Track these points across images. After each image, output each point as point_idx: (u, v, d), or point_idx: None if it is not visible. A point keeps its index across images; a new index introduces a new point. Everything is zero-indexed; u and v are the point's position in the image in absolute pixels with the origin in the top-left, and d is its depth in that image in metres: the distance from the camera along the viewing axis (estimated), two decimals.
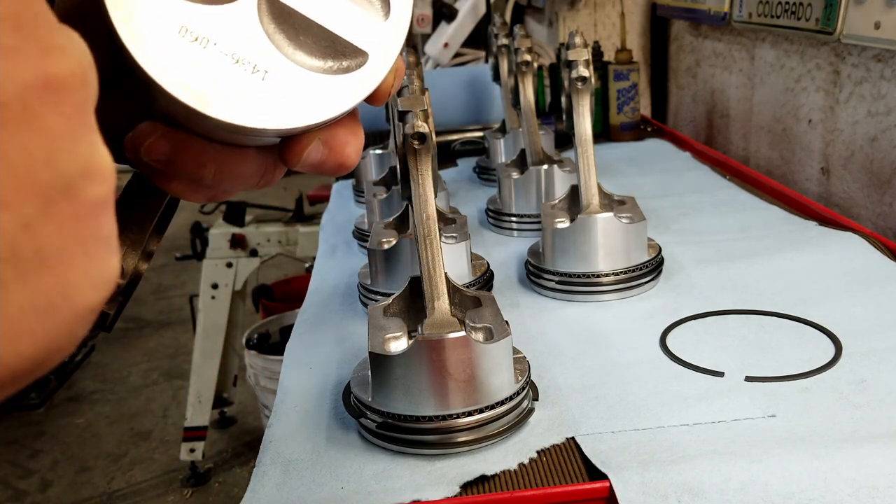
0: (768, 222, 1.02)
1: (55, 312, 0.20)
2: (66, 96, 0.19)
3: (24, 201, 0.18)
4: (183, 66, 0.25)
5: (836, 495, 0.49)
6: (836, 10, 1.05)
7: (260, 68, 0.26)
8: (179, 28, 0.25)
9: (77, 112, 0.20)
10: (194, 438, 2.21)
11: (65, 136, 0.19)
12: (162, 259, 4.01)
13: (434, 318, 0.60)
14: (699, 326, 0.76)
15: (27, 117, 0.18)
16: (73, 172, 0.19)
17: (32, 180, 0.19)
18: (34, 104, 0.19)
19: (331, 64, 0.28)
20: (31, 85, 0.18)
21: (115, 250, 0.21)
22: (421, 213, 0.64)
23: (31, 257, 0.19)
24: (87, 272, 0.20)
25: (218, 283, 2.13)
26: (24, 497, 2.28)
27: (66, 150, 0.19)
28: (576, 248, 0.83)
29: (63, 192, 0.19)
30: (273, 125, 0.27)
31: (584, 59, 0.86)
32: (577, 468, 0.56)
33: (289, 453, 0.60)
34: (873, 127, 1.07)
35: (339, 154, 0.31)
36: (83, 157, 0.20)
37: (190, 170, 0.30)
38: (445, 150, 1.51)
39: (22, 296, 0.19)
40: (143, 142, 0.29)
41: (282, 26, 0.27)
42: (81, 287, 0.20)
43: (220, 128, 0.27)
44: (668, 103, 1.91)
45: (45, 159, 0.19)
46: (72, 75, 0.20)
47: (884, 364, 0.65)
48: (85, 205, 0.20)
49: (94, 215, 0.20)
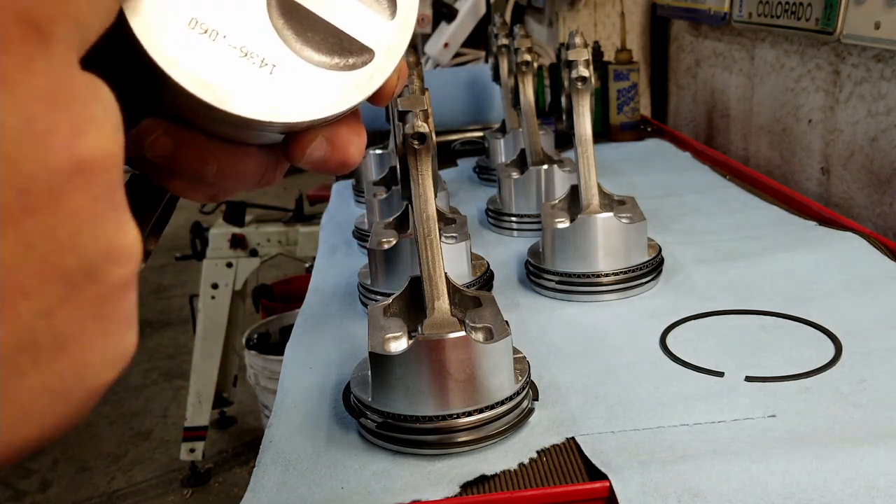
0: (768, 222, 1.02)
1: (68, 395, 0.19)
2: (96, 177, 0.19)
3: (45, 288, 0.18)
4: (192, 57, 0.25)
5: (836, 495, 0.49)
6: (836, 10, 1.05)
7: (268, 62, 0.27)
8: (190, 20, 0.25)
9: (106, 192, 0.19)
10: (194, 438, 2.21)
11: (91, 219, 0.19)
12: (162, 259, 4.01)
13: (434, 318, 0.60)
14: (699, 326, 0.76)
15: (54, 202, 0.18)
16: (97, 255, 0.19)
17: (55, 266, 0.18)
18: (63, 188, 0.18)
19: (337, 60, 0.28)
20: (61, 170, 0.18)
21: (133, 326, 0.21)
22: (421, 213, 0.64)
23: (50, 344, 0.18)
24: (105, 352, 0.20)
25: (218, 283, 2.13)
26: (24, 497, 2.28)
27: (92, 234, 0.19)
28: (576, 248, 0.83)
29: (86, 276, 0.19)
30: (279, 118, 0.27)
31: (584, 59, 0.86)
32: (577, 468, 0.56)
33: (289, 453, 0.60)
34: (873, 127, 1.07)
35: (342, 152, 0.31)
36: (109, 239, 0.19)
37: (192, 167, 0.29)
38: (445, 150, 1.51)
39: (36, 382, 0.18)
40: (147, 138, 0.28)
41: (290, 21, 0.27)
42: (97, 367, 0.20)
43: (225, 121, 0.27)
44: (668, 103, 1.91)
45: (71, 244, 0.18)
46: (104, 155, 0.19)
47: (884, 364, 0.65)
48: (108, 288, 0.19)
49: (117, 297, 0.20)
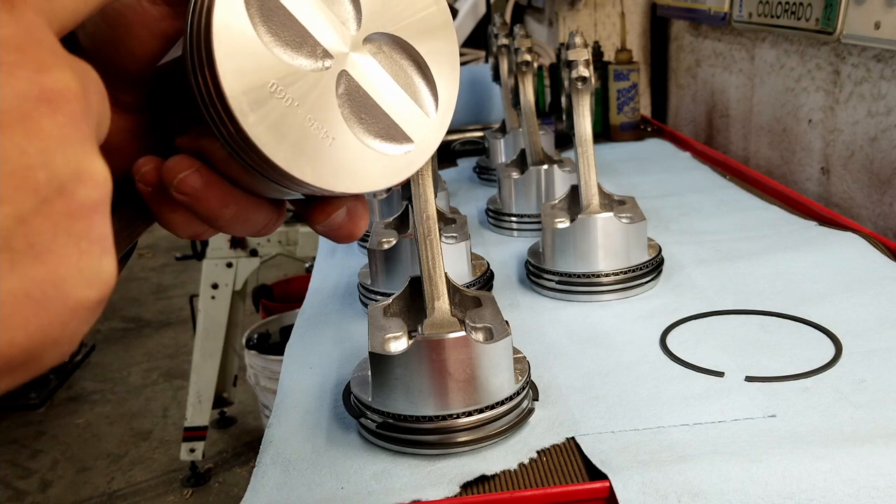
0: (768, 222, 1.02)
1: (48, 304, 0.21)
2: (60, 107, 0.21)
3: (19, 196, 0.20)
4: (267, 117, 0.28)
5: (836, 495, 0.49)
6: (836, 10, 1.05)
7: (329, 135, 0.30)
8: (271, 83, 0.28)
9: (70, 121, 0.21)
10: (194, 438, 2.21)
11: (59, 142, 0.21)
12: (162, 259, 4.01)
13: (434, 318, 0.60)
14: (699, 326, 0.76)
15: (24, 123, 0.20)
16: (66, 174, 0.21)
17: (28, 178, 0.20)
18: (31, 112, 0.20)
19: (382, 144, 0.31)
20: (28, 95, 0.20)
21: (108, 252, 0.22)
22: (421, 213, 0.64)
23: (25, 249, 0.20)
24: (80, 269, 0.21)
25: (218, 283, 2.13)
26: (24, 497, 2.28)
27: (60, 154, 0.21)
28: (576, 248, 0.83)
29: (57, 191, 0.21)
30: (330, 186, 0.30)
31: (584, 59, 0.86)
32: (577, 468, 0.56)
33: (289, 453, 0.60)
34: (873, 127, 1.07)
35: (354, 224, 0.35)
36: (76, 162, 0.21)
37: (213, 208, 0.31)
38: (445, 150, 1.51)
39: (15, 284, 0.20)
40: (177, 174, 0.30)
41: (350, 103, 0.30)
42: (74, 282, 0.21)
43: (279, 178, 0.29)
44: (668, 103, 1.91)
45: (41, 161, 0.20)
46: (66, 89, 0.21)
47: (884, 364, 0.65)
48: (77, 205, 0.21)
49: (87, 216, 0.22)
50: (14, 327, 0.20)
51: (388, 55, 0.32)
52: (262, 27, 0.28)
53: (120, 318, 3.43)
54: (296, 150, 0.29)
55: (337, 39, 0.30)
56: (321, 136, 0.29)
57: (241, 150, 0.28)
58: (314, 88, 0.29)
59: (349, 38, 0.30)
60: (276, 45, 0.28)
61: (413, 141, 0.32)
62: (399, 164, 0.32)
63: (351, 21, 0.30)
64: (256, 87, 0.28)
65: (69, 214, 0.21)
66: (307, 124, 0.29)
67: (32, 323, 0.20)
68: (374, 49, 0.31)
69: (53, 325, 0.21)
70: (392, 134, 0.32)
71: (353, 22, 0.30)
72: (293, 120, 0.29)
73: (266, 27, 0.28)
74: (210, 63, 0.27)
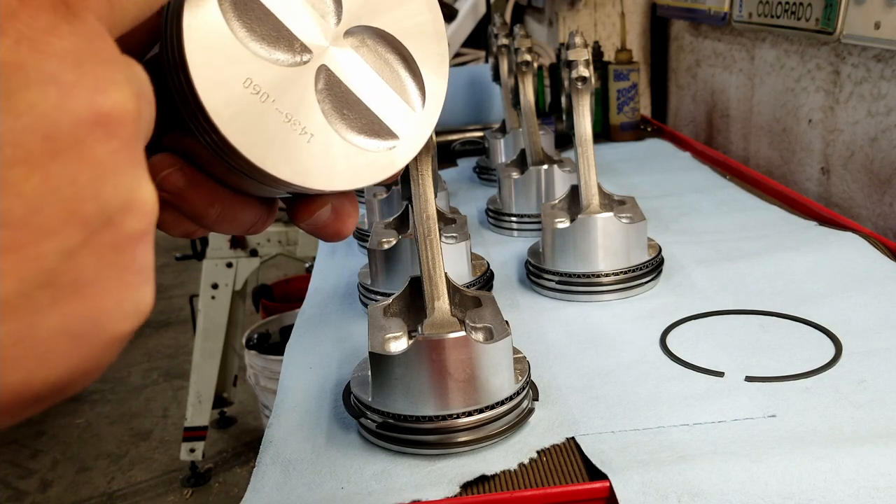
0: (768, 222, 1.02)
1: (86, 339, 0.20)
2: (116, 131, 0.20)
3: (66, 230, 0.19)
4: (239, 112, 0.27)
5: (836, 495, 0.49)
6: (836, 10, 1.05)
7: (307, 131, 0.29)
8: (245, 79, 0.27)
9: (125, 147, 0.20)
10: (194, 438, 2.21)
11: (111, 170, 0.20)
12: (162, 259, 4.01)
13: (434, 318, 0.60)
14: (699, 326, 0.76)
15: (77, 150, 0.19)
16: (116, 205, 0.20)
17: (77, 210, 0.19)
18: (85, 138, 0.19)
19: (365, 140, 0.31)
20: (82, 119, 0.19)
21: (149, 281, 0.22)
22: (421, 213, 0.64)
23: (69, 285, 0.19)
24: (121, 302, 0.21)
25: (218, 283, 2.13)
26: (24, 497, 2.28)
27: (112, 184, 0.20)
28: (576, 248, 0.83)
29: (105, 223, 0.20)
30: (306, 183, 0.29)
31: (584, 59, 0.86)
32: (577, 468, 0.56)
33: (289, 453, 0.60)
34: (873, 127, 1.07)
35: (341, 222, 0.34)
36: (127, 191, 0.20)
37: (198, 207, 0.31)
38: (445, 150, 1.51)
39: (56, 322, 0.19)
40: (160, 172, 0.30)
41: (331, 98, 0.30)
42: (114, 316, 0.21)
43: (253, 175, 0.29)
44: (668, 103, 1.91)
45: (92, 192, 0.19)
46: (124, 112, 0.20)
47: (884, 364, 0.65)
48: (124, 237, 0.20)
49: (132, 248, 0.21)
50: (50, 364, 0.19)
51: (371, 49, 0.31)
52: (237, 22, 0.27)
53: None
54: (272, 147, 0.28)
55: (316, 33, 0.29)
56: (299, 132, 0.29)
57: (217, 148, 0.28)
58: (292, 84, 0.28)
59: (329, 32, 0.30)
60: (250, 40, 0.28)
61: (398, 136, 0.31)
62: (383, 159, 0.31)
63: (331, 15, 0.30)
64: (230, 82, 0.27)
65: (115, 247, 0.20)
66: (284, 120, 0.28)
67: (68, 359, 0.20)
68: (357, 43, 0.30)
69: (89, 360, 0.20)
70: (376, 129, 0.31)
71: (332, 16, 0.30)
72: (269, 117, 0.28)
73: (240, 22, 0.27)
74: (181, 59, 0.26)
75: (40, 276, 0.19)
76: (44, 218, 0.19)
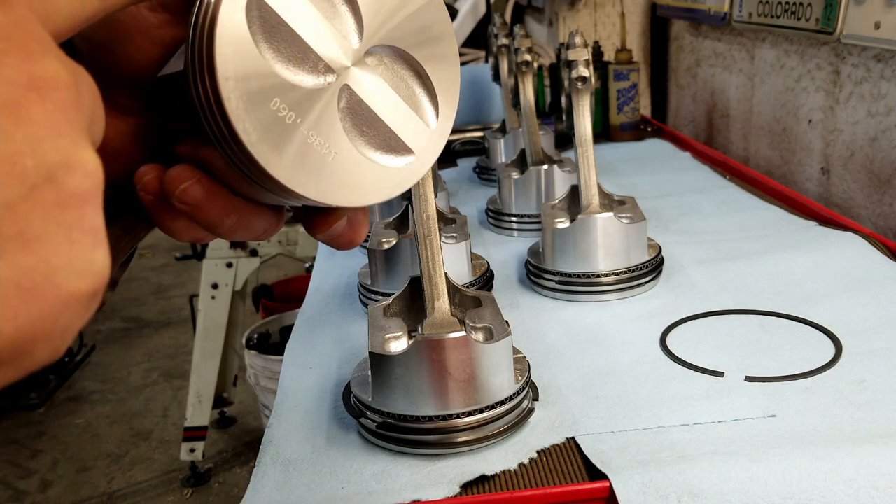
0: (768, 222, 1.02)
1: (38, 294, 0.20)
2: (49, 94, 0.21)
3: (6, 183, 0.20)
4: (268, 133, 0.28)
5: (836, 495, 0.49)
6: (836, 10, 1.05)
7: (331, 150, 0.30)
8: (273, 100, 0.28)
9: (60, 110, 0.21)
10: (194, 438, 2.21)
11: (47, 129, 0.21)
12: (162, 259, 4.01)
13: (434, 318, 0.60)
14: (699, 326, 0.76)
15: (11, 110, 0.20)
16: (55, 162, 0.21)
17: (15, 164, 0.20)
18: (19, 99, 0.20)
19: (383, 156, 0.32)
20: (16, 82, 0.20)
21: (101, 243, 0.22)
22: (421, 213, 0.64)
23: (13, 236, 0.20)
24: (71, 259, 0.21)
25: (218, 283, 2.13)
26: (24, 497, 2.28)
27: (49, 142, 0.21)
28: (576, 248, 0.83)
29: (46, 179, 0.20)
30: (332, 201, 0.30)
31: (584, 59, 0.86)
32: (577, 468, 0.56)
33: (289, 453, 0.60)
34: (873, 127, 1.07)
35: (355, 232, 0.36)
36: (65, 150, 0.21)
37: (214, 217, 0.32)
38: (445, 150, 1.51)
39: (3, 273, 0.19)
40: (179, 185, 0.30)
41: (352, 116, 0.31)
42: (65, 273, 0.21)
43: (280, 193, 0.30)
44: (668, 103, 1.91)
45: (29, 148, 0.20)
46: (56, 78, 0.21)
47: (884, 364, 0.65)
48: (67, 194, 0.21)
49: (78, 206, 0.21)
50: (4, 317, 0.19)
51: (389, 67, 0.32)
52: (265, 44, 0.28)
53: (120, 318, 3.43)
54: (297, 165, 0.29)
55: (339, 53, 0.30)
56: (323, 151, 0.30)
57: (242, 165, 0.29)
58: (316, 104, 0.29)
59: (351, 52, 0.30)
60: (277, 62, 0.28)
61: (414, 152, 0.32)
62: (400, 175, 0.32)
63: (353, 34, 0.30)
64: (259, 104, 0.28)
65: (59, 203, 0.21)
66: (309, 140, 0.29)
67: (22, 313, 0.20)
68: (376, 61, 0.31)
69: (45, 317, 0.20)
70: (393, 146, 0.32)
71: (354, 35, 0.30)
72: (295, 136, 0.29)
73: (268, 44, 0.28)
74: (213, 81, 0.27)
75: None
76: None
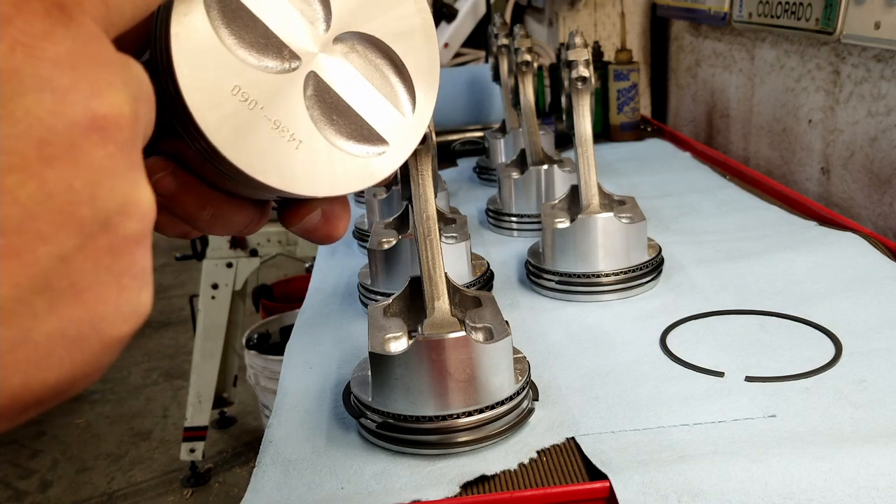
0: (768, 222, 1.02)
1: (83, 343, 0.20)
2: (111, 135, 0.20)
3: (61, 234, 0.19)
4: (227, 120, 0.27)
5: (836, 495, 0.49)
6: (836, 10, 1.05)
7: (296, 138, 0.29)
8: (234, 87, 0.27)
9: (121, 150, 0.20)
10: (194, 438, 2.21)
11: (107, 174, 0.20)
12: (162, 259, 4.01)
13: (434, 318, 0.60)
14: (699, 326, 0.76)
15: (72, 154, 0.19)
16: (112, 208, 0.20)
17: (73, 214, 0.19)
18: (80, 142, 0.19)
19: (354, 146, 0.31)
20: (78, 123, 0.19)
21: (147, 284, 0.22)
22: (421, 213, 0.64)
23: (65, 289, 0.19)
24: (119, 305, 0.21)
25: (218, 283, 2.13)
26: (24, 497, 2.28)
27: (108, 188, 0.20)
28: (576, 248, 0.83)
29: (101, 227, 0.20)
30: (294, 190, 0.29)
31: (584, 59, 0.86)
32: (577, 468, 0.56)
33: (289, 453, 0.60)
34: (873, 127, 1.07)
35: (332, 226, 0.34)
36: (123, 194, 0.20)
37: (189, 210, 0.31)
38: (445, 150, 1.51)
39: (53, 326, 0.19)
40: (152, 175, 0.30)
41: (320, 104, 0.30)
42: (111, 319, 0.21)
43: (241, 181, 0.29)
44: (668, 103, 1.91)
45: (87, 196, 0.19)
46: (119, 115, 0.20)
47: (884, 364, 0.65)
48: (121, 240, 0.20)
49: (130, 251, 0.21)
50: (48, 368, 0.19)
51: (361, 54, 0.31)
52: (224, 29, 0.27)
53: None
54: (260, 154, 0.28)
55: (305, 40, 0.29)
56: (287, 139, 0.29)
57: (205, 153, 0.28)
58: (280, 91, 0.29)
59: (318, 39, 0.30)
60: (239, 48, 0.28)
61: (388, 142, 0.32)
62: (373, 165, 0.31)
63: (320, 21, 0.30)
64: (217, 90, 0.27)
65: (112, 250, 0.20)
66: (272, 127, 0.28)
67: (66, 362, 0.20)
68: (347, 49, 0.31)
69: (87, 363, 0.20)
70: (365, 135, 0.31)
71: (322, 22, 0.30)
72: (258, 124, 0.28)
73: (228, 29, 0.28)
74: (169, 65, 0.27)
75: (37, 282, 0.19)
76: (40, 223, 0.19)
